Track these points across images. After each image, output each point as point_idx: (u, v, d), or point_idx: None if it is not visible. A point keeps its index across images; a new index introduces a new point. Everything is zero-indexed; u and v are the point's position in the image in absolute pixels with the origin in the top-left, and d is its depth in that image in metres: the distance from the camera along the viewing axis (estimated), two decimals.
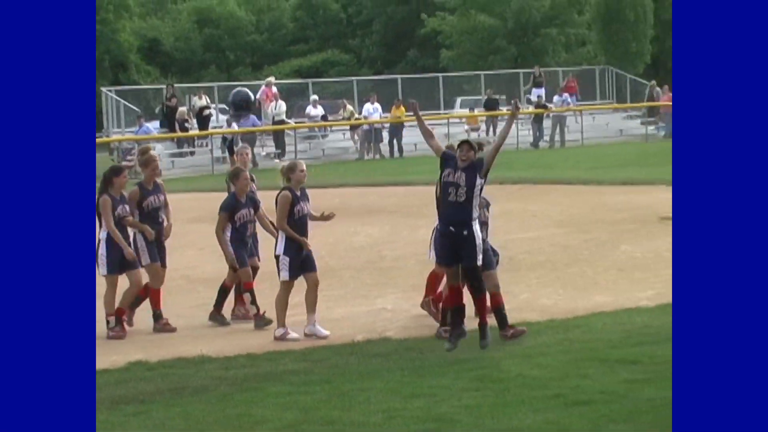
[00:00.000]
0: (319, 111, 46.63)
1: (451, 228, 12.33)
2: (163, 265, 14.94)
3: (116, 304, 14.55)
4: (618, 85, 57.98)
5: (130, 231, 14.66)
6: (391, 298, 16.18)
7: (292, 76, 62.37)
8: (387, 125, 47.07)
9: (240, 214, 14.71)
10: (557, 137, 48.91)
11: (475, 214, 12.40)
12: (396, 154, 45.83)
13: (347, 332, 14.32)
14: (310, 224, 14.15)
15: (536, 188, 28.78)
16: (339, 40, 73.46)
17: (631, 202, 24.85)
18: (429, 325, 14.24)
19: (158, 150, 35.85)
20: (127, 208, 14.62)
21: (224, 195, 15.15)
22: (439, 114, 51.51)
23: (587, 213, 24.59)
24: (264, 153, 44.47)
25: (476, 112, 50.85)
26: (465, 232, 12.25)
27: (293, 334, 13.87)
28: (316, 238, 15.13)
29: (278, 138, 45.08)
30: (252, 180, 15.26)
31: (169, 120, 43.95)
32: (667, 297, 14.13)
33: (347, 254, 18.96)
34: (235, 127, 42.33)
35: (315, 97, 47.76)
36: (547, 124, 49.79)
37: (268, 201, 14.76)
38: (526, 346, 13.10)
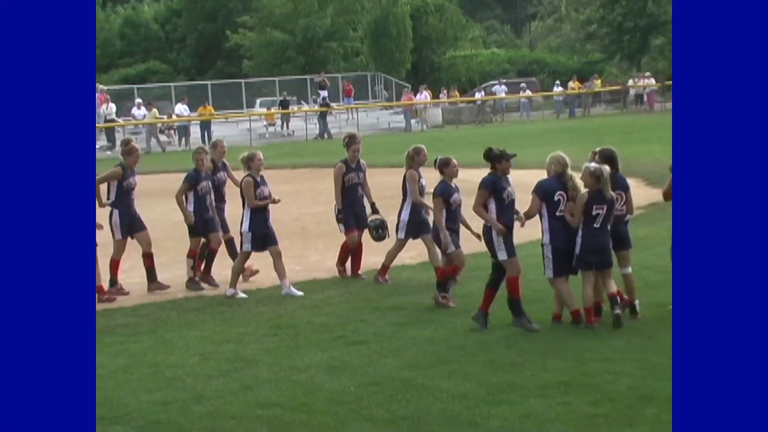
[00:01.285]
0: (142, 111, 46.25)
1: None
2: (143, 228, 14.40)
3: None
4: (386, 87, 58.88)
5: (106, 210, 14.16)
6: None
7: (120, 82, 61.08)
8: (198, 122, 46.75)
9: (200, 186, 14.36)
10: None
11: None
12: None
13: (170, 291, 14.19)
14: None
15: (322, 171, 28.71)
16: (159, 53, 72.35)
17: (397, 182, 25.02)
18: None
19: None
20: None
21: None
22: (242, 113, 51.53)
23: None
24: (98, 146, 43.70)
25: (273, 110, 50.95)
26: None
27: (240, 294, 13.45)
28: (145, 215, 14.87)
29: (109, 134, 44.93)
30: (224, 166, 14.97)
31: None
32: (425, 257, 14.30)
33: (168, 228, 18.68)
34: None
35: (139, 100, 47.63)
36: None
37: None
38: (314, 298, 13.16)
